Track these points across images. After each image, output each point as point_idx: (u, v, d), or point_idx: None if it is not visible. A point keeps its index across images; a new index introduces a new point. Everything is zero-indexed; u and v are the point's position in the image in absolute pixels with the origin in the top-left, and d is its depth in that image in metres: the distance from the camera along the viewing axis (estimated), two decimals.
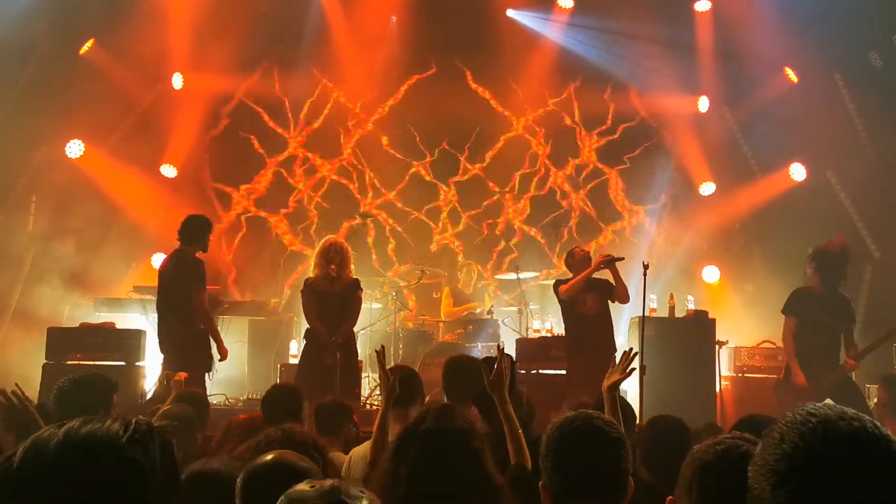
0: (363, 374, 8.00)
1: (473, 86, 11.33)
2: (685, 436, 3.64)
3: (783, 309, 7.16)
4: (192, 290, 6.75)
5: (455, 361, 4.78)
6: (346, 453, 4.09)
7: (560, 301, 7.40)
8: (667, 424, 3.73)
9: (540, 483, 2.32)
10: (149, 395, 7.45)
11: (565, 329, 7.47)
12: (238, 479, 2.23)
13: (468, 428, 2.78)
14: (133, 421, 1.39)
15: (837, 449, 1.18)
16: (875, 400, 6.50)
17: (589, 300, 7.28)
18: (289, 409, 4.22)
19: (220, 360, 6.94)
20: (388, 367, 3.88)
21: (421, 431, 2.73)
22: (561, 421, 2.34)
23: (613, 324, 7.47)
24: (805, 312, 7.03)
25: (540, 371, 7.84)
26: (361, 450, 3.91)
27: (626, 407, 3.96)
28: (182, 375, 5.19)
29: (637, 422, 4.32)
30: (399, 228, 11.18)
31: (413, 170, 11.28)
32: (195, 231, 6.92)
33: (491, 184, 11.36)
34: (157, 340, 6.98)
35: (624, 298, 7.29)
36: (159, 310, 7.06)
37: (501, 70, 11.17)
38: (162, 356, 6.97)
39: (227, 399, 8.40)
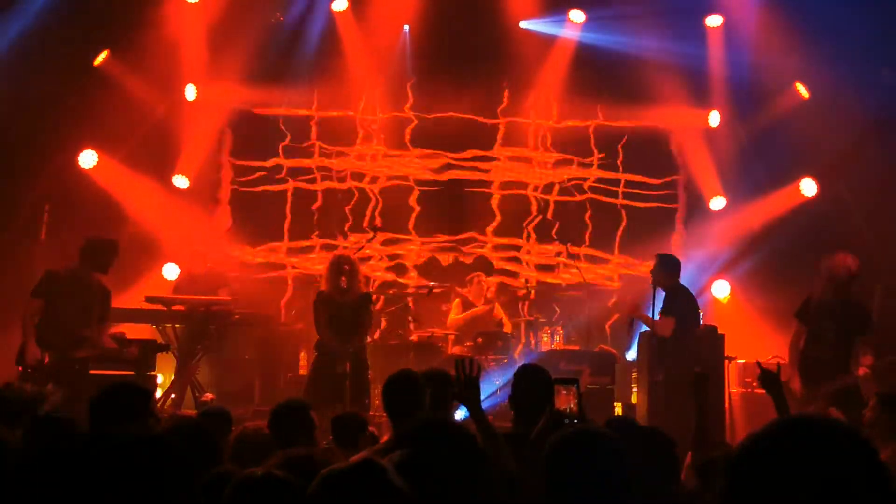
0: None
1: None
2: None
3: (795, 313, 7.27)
4: None
5: (431, 375, 4.61)
6: None
7: None
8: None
9: None
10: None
11: None
12: (225, 491, 2.21)
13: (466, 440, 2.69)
14: None
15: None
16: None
17: None
18: (301, 425, 4.11)
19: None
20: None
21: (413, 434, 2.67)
22: (559, 435, 2.31)
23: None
24: (812, 321, 7.05)
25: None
26: None
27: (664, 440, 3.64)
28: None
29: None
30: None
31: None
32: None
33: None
34: None
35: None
36: None
37: (515, 83, 11.16)
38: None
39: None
